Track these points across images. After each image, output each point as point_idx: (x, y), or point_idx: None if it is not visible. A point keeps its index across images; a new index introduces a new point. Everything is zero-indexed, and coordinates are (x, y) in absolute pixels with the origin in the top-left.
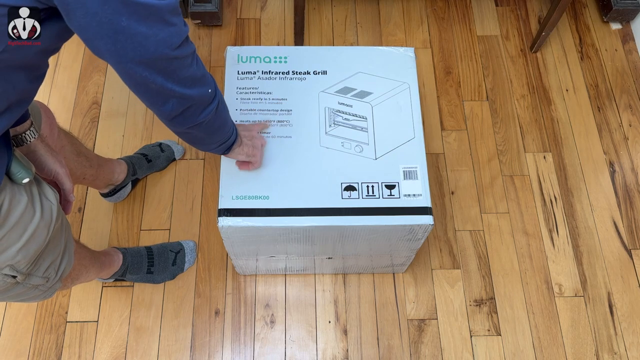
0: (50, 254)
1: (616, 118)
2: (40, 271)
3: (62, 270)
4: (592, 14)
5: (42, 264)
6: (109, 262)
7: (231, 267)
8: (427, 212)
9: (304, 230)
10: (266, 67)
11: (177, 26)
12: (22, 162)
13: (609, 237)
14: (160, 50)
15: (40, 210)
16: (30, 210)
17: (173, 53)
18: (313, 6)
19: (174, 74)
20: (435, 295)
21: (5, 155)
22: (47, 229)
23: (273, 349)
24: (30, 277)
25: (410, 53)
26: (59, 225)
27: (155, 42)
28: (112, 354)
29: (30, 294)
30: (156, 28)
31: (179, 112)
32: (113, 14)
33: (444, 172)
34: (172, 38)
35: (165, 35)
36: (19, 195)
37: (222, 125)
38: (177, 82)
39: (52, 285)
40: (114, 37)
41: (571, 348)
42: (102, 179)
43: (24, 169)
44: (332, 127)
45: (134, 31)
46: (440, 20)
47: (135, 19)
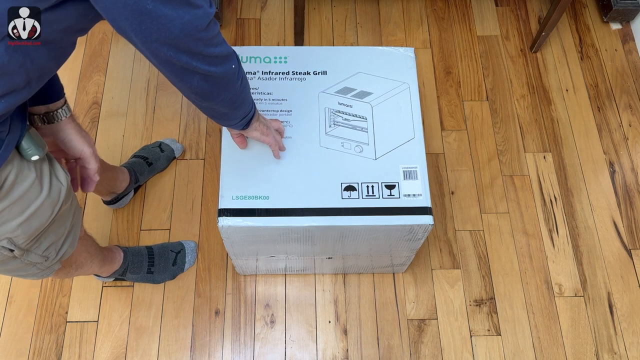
0: (53, 234)
1: (616, 118)
2: (40, 249)
3: (63, 252)
4: (592, 14)
5: (43, 242)
6: (110, 258)
7: (231, 267)
8: (427, 212)
9: (304, 230)
10: (266, 68)
11: (202, 8)
12: (35, 140)
13: (609, 237)
14: (185, 32)
15: (48, 188)
16: (37, 187)
17: (198, 35)
18: (313, 6)
19: (199, 54)
20: (435, 295)
21: (18, 130)
22: (52, 208)
23: (273, 349)
24: (28, 253)
25: (410, 53)
26: (67, 207)
27: (181, 24)
28: (112, 354)
29: (28, 271)
30: (181, 10)
31: (204, 87)
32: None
33: (444, 172)
34: (197, 20)
35: (190, 18)
36: (27, 171)
37: (244, 100)
38: (202, 61)
39: (50, 265)
40: (139, 19)
41: (571, 348)
42: (104, 184)
43: (34, 146)
44: (332, 127)
45: (160, 13)
46: (440, 20)
47: (161, 2)
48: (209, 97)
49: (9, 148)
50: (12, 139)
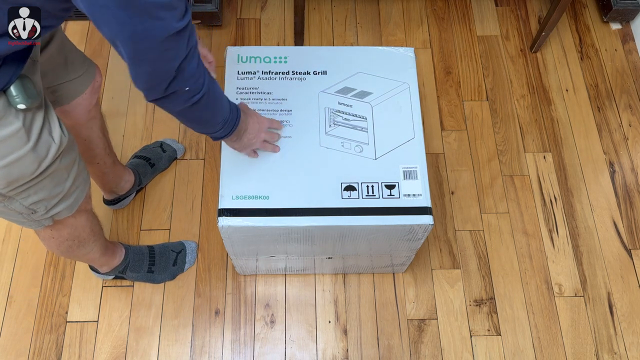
0: (43, 191)
1: (616, 118)
2: (27, 202)
3: (55, 212)
4: (592, 14)
5: (31, 195)
6: (112, 250)
7: (231, 267)
8: (427, 212)
9: (304, 230)
10: (266, 67)
11: (164, 21)
12: (27, 89)
13: (609, 237)
14: (136, 40)
15: (34, 141)
16: (21, 137)
17: (151, 45)
18: (313, 6)
19: (145, 62)
20: (435, 295)
21: (9, 74)
22: (38, 163)
23: (273, 348)
24: (11, 200)
25: (410, 53)
26: (62, 167)
27: (131, 32)
28: (112, 354)
29: (12, 217)
30: (137, 19)
31: (146, 92)
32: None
33: (444, 172)
34: (152, 32)
35: (144, 28)
36: (12, 118)
37: (203, 119)
38: (146, 69)
39: (39, 220)
40: (93, 8)
41: (571, 348)
42: (111, 177)
43: (23, 95)
44: (332, 127)
45: (113, 13)
46: (440, 20)
47: (116, 3)
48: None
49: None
50: (1, 79)
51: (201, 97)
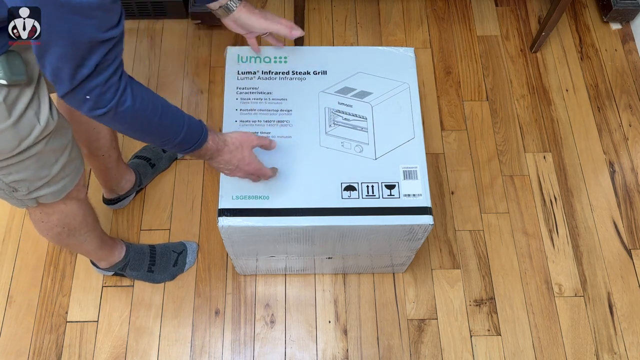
0: (26, 171)
1: (616, 118)
2: (8, 179)
3: (39, 195)
4: (592, 14)
5: (12, 173)
6: (111, 245)
7: (231, 267)
8: (427, 212)
9: (304, 230)
10: (266, 67)
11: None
12: (10, 65)
13: (609, 237)
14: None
15: (16, 118)
16: (1, 112)
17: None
18: (313, 6)
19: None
20: (435, 295)
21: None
22: (19, 141)
23: (273, 349)
24: None
25: (410, 53)
26: (47, 150)
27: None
28: (112, 354)
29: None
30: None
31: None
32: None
33: (444, 172)
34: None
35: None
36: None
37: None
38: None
39: (21, 199)
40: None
41: (571, 348)
42: (114, 174)
43: (5, 70)
44: (332, 127)
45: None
46: (440, 20)
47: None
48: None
49: None
50: None
51: (105, 113)
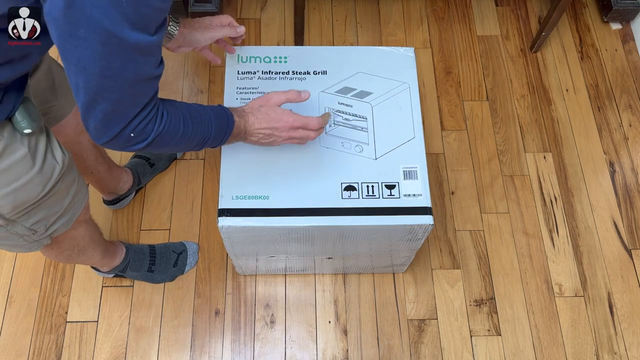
0: (44, 210)
1: (616, 118)
2: (28, 222)
3: (53, 229)
4: (592, 14)
5: (32, 216)
6: (112, 251)
7: (231, 267)
8: (427, 212)
9: (304, 230)
10: (266, 67)
11: (138, 64)
12: (30, 113)
13: (609, 237)
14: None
15: (40, 165)
16: (27, 162)
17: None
18: (313, 6)
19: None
20: (435, 295)
21: (12, 101)
22: (44, 185)
23: (273, 349)
24: (14, 224)
25: (410, 53)
26: (63, 186)
27: (103, 67)
28: (112, 354)
29: (13, 241)
30: (113, 57)
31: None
32: (74, 20)
33: (444, 172)
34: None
35: (117, 66)
36: (18, 144)
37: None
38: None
39: (38, 239)
40: (66, 38)
41: (571, 348)
42: (108, 182)
43: (28, 119)
44: (332, 127)
45: (88, 45)
46: (440, 20)
47: (94, 38)
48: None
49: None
50: (4, 109)
51: (147, 144)
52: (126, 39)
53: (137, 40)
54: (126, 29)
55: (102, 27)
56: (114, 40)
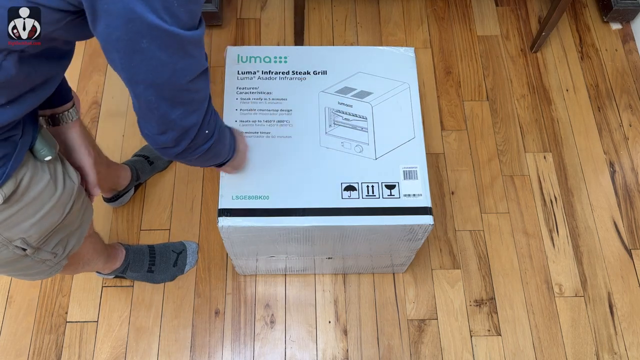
0: (62, 231)
1: (616, 118)
2: (50, 246)
3: (69, 248)
4: (592, 14)
5: (53, 239)
6: (114, 255)
7: (231, 267)
8: (427, 212)
9: (304, 230)
10: (266, 67)
11: (196, 59)
12: (47, 140)
13: (609, 237)
14: (173, 80)
15: (62, 188)
16: (51, 188)
17: (186, 85)
18: (313, 6)
19: (180, 105)
20: (435, 295)
21: (30, 133)
22: (64, 207)
23: (273, 349)
24: (39, 251)
25: (410, 53)
26: (78, 206)
27: (171, 71)
28: (112, 354)
29: (37, 268)
30: (176, 57)
31: (174, 144)
32: (135, 33)
33: (444, 172)
34: (188, 70)
35: (182, 66)
36: (41, 172)
37: (215, 156)
38: (180, 114)
39: (59, 262)
40: (131, 56)
41: (571, 348)
42: (107, 180)
43: (47, 146)
44: (332, 127)
45: (152, 55)
46: (440, 20)
47: (157, 45)
48: (176, 154)
49: (23, 150)
50: (26, 141)
51: (214, 141)
52: (185, 37)
53: (192, 36)
54: (181, 30)
55: (163, 32)
56: (175, 40)
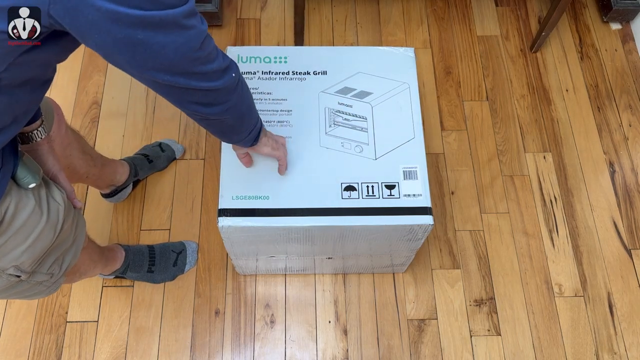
0: (56, 251)
1: (616, 118)
2: (45, 268)
3: (66, 265)
4: (592, 14)
5: (47, 261)
6: (112, 258)
7: (231, 267)
8: (427, 212)
9: (304, 230)
10: (266, 67)
11: (195, 28)
12: (30, 167)
13: (609, 237)
14: (180, 55)
15: (47, 212)
16: (37, 214)
17: (194, 55)
18: (313, 6)
19: (198, 73)
20: (435, 295)
21: (11, 161)
22: (54, 229)
23: (273, 349)
24: (34, 274)
25: (410, 53)
26: (68, 224)
27: (175, 48)
28: (112, 354)
29: (34, 290)
30: (174, 35)
31: (208, 101)
32: (127, 28)
33: (444, 172)
34: (191, 41)
35: (184, 40)
36: (26, 199)
37: (249, 110)
38: (201, 79)
39: (56, 280)
40: (133, 50)
41: (571, 348)
42: (104, 178)
43: (30, 173)
44: (332, 127)
45: (152, 41)
46: (440, 20)
47: (151, 30)
48: (214, 112)
49: (5, 179)
50: (7, 170)
51: (242, 84)
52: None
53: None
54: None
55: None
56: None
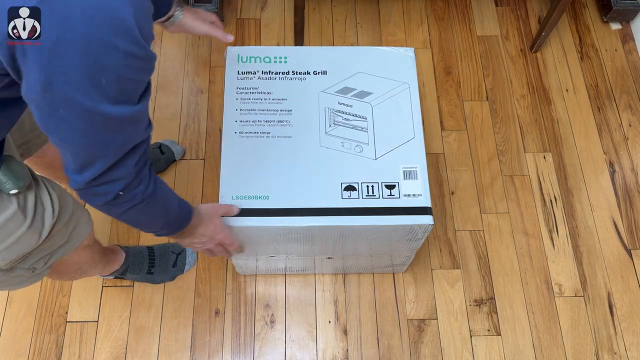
0: (44, 251)
1: (616, 118)
2: (27, 265)
3: (52, 262)
4: (592, 14)
5: (29, 260)
6: (112, 259)
7: (231, 267)
8: (427, 212)
9: (304, 230)
10: (266, 67)
11: (125, 133)
12: (15, 173)
13: (609, 237)
14: (93, 147)
15: (31, 218)
16: (18, 218)
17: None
18: (313, 6)
19: (96, 163)
20: (435, 295)
21: None
22: (38, 234)
23: (273, 349)
24: (14, 269)
25: (410, 53)
26: (62, 226)
27: (90, 139)
28: (112, 354)
29: (13, 281)
30: (98, 129)
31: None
32: (53, 101)
33: (444, 172)
34: (113, 142)
35: (104, 138)
36: (7, 202)
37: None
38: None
39: (39, 273)
40: (47, 118)
41: (571, 348)
42: None
43: (12, 179)
44: (332, 127)
45: (70, 123)
46: (440, 20)
47: (76, 115)
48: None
49: None
50: None
51: (139, 202)
52: (110, 114)
53: (121, 113)
54: (108, 105)
55: (83, 108)
56: (98, 117)
